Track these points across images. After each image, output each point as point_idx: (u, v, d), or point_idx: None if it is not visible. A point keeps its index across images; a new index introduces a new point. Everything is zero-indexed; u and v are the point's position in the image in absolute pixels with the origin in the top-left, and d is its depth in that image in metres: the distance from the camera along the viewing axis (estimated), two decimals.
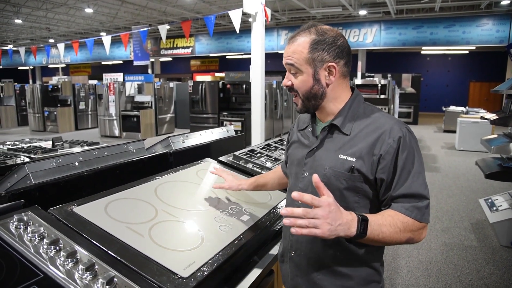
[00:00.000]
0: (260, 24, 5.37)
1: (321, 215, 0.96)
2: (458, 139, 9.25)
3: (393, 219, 1.07)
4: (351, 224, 1.00)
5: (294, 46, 1.16)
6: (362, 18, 14.03)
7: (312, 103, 1.20)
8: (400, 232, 1.07)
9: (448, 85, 18.82)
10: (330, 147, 1.18)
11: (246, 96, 9.44)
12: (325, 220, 0.96)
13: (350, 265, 1.18)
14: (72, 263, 0.97)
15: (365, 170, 1.11)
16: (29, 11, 13.63)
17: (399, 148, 1.10)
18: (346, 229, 1.00)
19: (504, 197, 4.23)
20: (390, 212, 1.09)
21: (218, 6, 13.37)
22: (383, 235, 1.05)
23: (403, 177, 1.09)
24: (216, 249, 1.21)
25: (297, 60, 1.16)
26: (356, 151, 1.12)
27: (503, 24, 12.14)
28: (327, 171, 1.16)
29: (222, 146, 2.57)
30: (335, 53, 1.14)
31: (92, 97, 13.77)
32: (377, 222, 1.05)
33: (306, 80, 1.16)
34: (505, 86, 3.93)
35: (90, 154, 1.72)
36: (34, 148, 3.27)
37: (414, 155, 1.11)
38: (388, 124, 1.13)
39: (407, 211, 1.08)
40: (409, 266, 3.44)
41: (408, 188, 1.09)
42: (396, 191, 1.10)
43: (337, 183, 1.14)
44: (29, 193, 1.33)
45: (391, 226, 1.06)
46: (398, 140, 1.10)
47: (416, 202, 1.09)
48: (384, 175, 1.10)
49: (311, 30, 1.16)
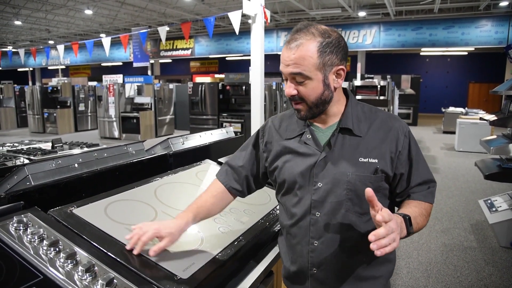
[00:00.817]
0: (259, 25, 5.38)
1: (395, 228, 0.94)
2: (457, 140, 9.26)
3: (420, 209, 1.14)
4: (402, 226, 1.03)
5: (300, 52, 1.05)
6: (362, 20, 14.05)
7: (320, 109, 1.13)
8: (426, 218, 1.15)
9: (447, 86, 18.84)
10: (345, 152, 1.13)
11: (246, 98, 9.44)
12: (397, 231, 0.95)
13: (374, 266, 1.19)
14: (71, 265, 0.97)
15: (387, 169, 1.14)
16: (29, 13, 13.64)
17: (410, 142, 1.17)
18: (401, 231, 1.02)
19: (503, 198, 4.24)
20: (415, 203, 1.16)
21: (218, 8, 13.39)
22: (419, 225, 1.11)
23: (418, 167, 1.17)
24: (216, 250, 1.22)
25: (306, 68, 1.06)
26: (376, 152, 1.13)
27: (502, 26, 12.16)
28: (350, 177, 1.11)
29: (221, 148, 2.58)
30: (341, 54, 1.09)
31: (91, 98, 13.78)
32: (413, 215, 1.09)
33: (316, 86, 1.08)
34: (504, 87, 3.93)
35: (90, 156, 1.72)
36: (33, 149, 3.27)
37: (417, 145, 1.20)
38: (391, 120, 1.19)
39: (426, 198, 1.17)
40: (409, 267, 3.44)
41: (422, 176, 1.18)
42: (415, 181, 1.17)
43: (364, 187, 1.05)
44: (28, 194, 1.33)
45: (421, 215, 1.13)
46: (408, 134, 1.18)
47: (429, 188, 1.19)
48: (404, 169, 1.16)
49: (312, 31, 1.07)
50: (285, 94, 1.19)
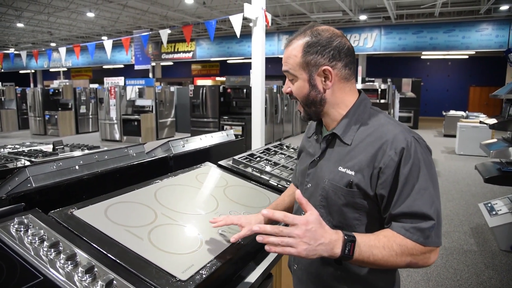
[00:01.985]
0: (260, 29, 5.40)
1: (296, 234, 0.89)
2: (458, 143, 9.26)
3: (389, 240, 0.96)
4: (335, 244, 0.92)
5: (289, 50, 1.09)
6: (363, 23, 14.09)
7: (312, 109, 1.12)
8: (397, 256, 0.96)
9: (448, 90, 18.86)
10: (331, 158, 1.10)
11: (247, 101, 9.46)
12: (301, 239, 0.89)
13: (351, 286, 1.10)
14: (71, 266, 0.98)
15: (364, 185, 1.01)
16: (31, 15, 13.71)
17: (401, 161, 0.98)
18: (329, 249, 0.92)
19: (503, 201, 4.23)
20: (387, 233, 0.98)
21: (219, 11, 13.45)
22: (375, 257, 0.95)
23: (404, 193, 0.97)
24: (215, 252, 1.22)
25: (291, 66, 1.08)
26: (356, 164, 1.03)
27: (503, 29, 12.19)
28: (326, 184, 1.08)
29: (222, 150, 2.58)
30: (330, 55, 1.05)
31: (93, 101, 13.82)
32: (368, 244, 0.95)
33: (302, 86, 1.09)
34: (504, 91, 3.94)
35: (91, 158, 1.73)
36: (34, 151, 3.28)
37: (419, 168, 0.98)
38: (391, 132, 1.02)
39: (407, 232, 0.96)
40: (409, 271, 3.44)
41: (409, 207, 0.96)
42: (396, 209, 0.98)
43: (336, 198, 1.06)
44: (29, 196, 1.34)
45: (385, 248, 0.95)
46: (401, 152, 0.98)
47: (419, 223, 0.96)
48: (384, 190, 0.99)
49: (307, 32, 1.07)
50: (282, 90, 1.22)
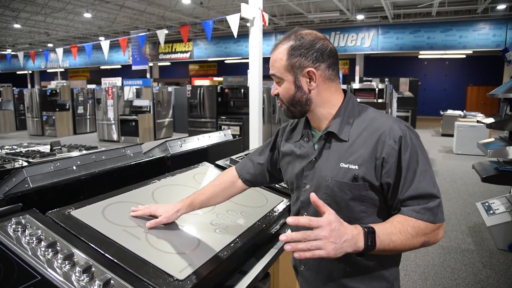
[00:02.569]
0: (257, 29, 5.41)
1: (323, 236, 0.91)
2: (455, 142, 9.29)
3: (403, 225, 1.01)
4: (357, 239, 0.96)
5: (275, 54, 1.14)
6: (360, 23, 14.11)
7: (297, 109, 1.16)
8: (413, 238, 1.01)
9: (445, 89, 18.90)
10: (330, 157, 1.13)
11: (244, 101, 9.46)
12: (328, 239, 0.91)
13: (361, 280, 1.14)
14: (69, 266, 0.98)
15: (369, 177, 1.06)
16: (28, 16, 13.67)
17: (401, 148, 1.04)
18: (353, 244, 0.95)
19: (501, 200, 4.25)
20: (399, 218, 1.03)
21: (217, 11, 13.44)
22: (394, 244, 1.00)
23: (409, 178, 1.03)
24: (212, 252, 1.23)
25: (277, 69, 1.14)
26: (358, 158, 1.07)
27: (500, 29, 12.23)
28: (329, 182, 1.11)
29: (219, 150, 2.59)
30: (313, 57, 1.10)
31: (90, 101, 13.79)
32: (386, 232, 0.99)
33: (288, 87, 1.14)
34: (501, 90, 3.95)
35: (88, 158, 1.73)
36: (32, 152, 3.28)
37: (417, 153, 1.06)
38: (386, 124, 1.08)
39: (418, 214, 1.02)
40: (407, 270, 3.45)
41: (416, 189, 1.03)
42: (404, 194, 1.04)
43: (342, 194, 1.09)
44: (27, 196, 1.34)
45: (401, 233, 1.00)
46: (399, 140, 1.05)
47: (427, 203, 1.03)
48: (389, 179, 1.05)
49: (291, 36, 1.13)
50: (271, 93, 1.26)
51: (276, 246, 1.53)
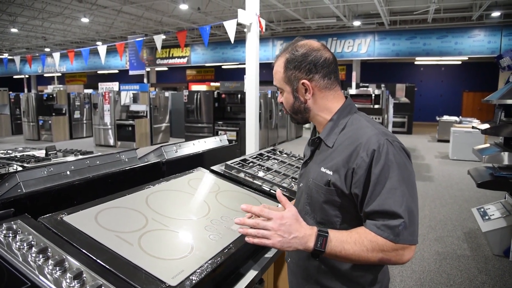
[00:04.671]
0: (254, 34, 5.42)
1: (271, 227, 1.00)
2: (451, 148, 9.32)
3: (360, 237, 1.03)
4: (308, 239, 1.02)
5: (276, 67, 1.22)
6: (356, 29, 14.20)
7: (299, 116, 1.24)
8: (368, 251, 1.02)
9: (441, 95, 19.02)
10: (317, 160, 1.21)
11: (241, 106, 9.47)
12: (276, 232, 1.00)
13: (334, 280, 1.17)
14: (60, 272, 0.97)
15: (339, 184, 1.09)
16: (25, 20, 13.68)
17: (372, 162, 1.04)
18: (304, 243, 1.02)
19: (496, 206, 4.26)
20: (360, 230, 1.05)
21: (214, 17, 13.50)
22: (346, 252, 1.02)
23: (376, 192, 1.02)
24: (205, 258, 1.22)
25: (278, 81, 1.23)
26: (334, 164, 1.11)
27: (494, 35, 12.34)
28: (310, 183, 1.19)
29: (215, 156, 2.58)
30: (306, 69, 1.15)
31: (87, 106, 13.77)
32: (340, 239, 1.03)
33: (288, 97, 1.22)
34: (496, 96, 3.97)
35: (82, 163, 1.72)
36: (27, 157, 3.25)
37: (390, 169, 1.02)
38: (366, 135, 1.08)
39: (378, 230, 1.02)
40: (402, 275, 3.44)
41: (380, 205, 1.02)
42: (368, 207, 1.04)
43: (317, 195, 1.16)
44: (19, 201, 1.33)
45: (356, 244, 1.02)
46: (372, 153, 1.04)
47: (388, 221, 1.01)
48: (357, 190, 1.06)
49: (288, 49, 1.19)
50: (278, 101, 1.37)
51: (270, 252, 1.52)
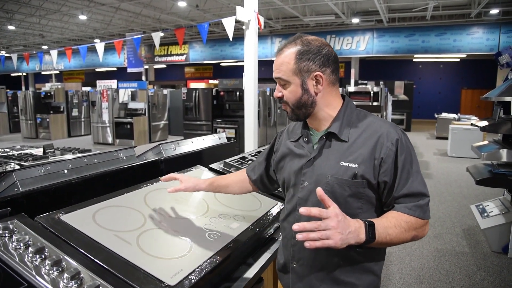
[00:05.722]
0: (253, 31, 5.40)
1: (332, 226, 0.98)
2: (450, 145, 9.33)
3: (397, 220, 1.11)
4: (359, 231, 1.04)
5: (281, 58, 1.19)
6: (355, 26, 14.17)
7: (302, 111, 1.22)
8: (405, 232, 1.11)
9: (440, 92, 19.02)
10: (330, 156, 1.19)
11: (240, 103, 9.45)
12: (336, 230, 0.98)
13: (354, 273, 1.19)
14: (57, 272, 0.96)
15: (368, 175, 1.13)
16: (23, 18, 13.60)
17: (398, 150, 1.13)
18: (356, 236, 1.03)
19: (495, 203, 4.26)
20: (394, 214, 1.13)
21: (212, 14, 13.44)
22: (390, 237, 1.09)
23: (403, 177, 1.13)
24: (204, 257, 1.21)
25: (284, 72, 1.18)
26: (358, 157, 1.14)
27: (493, 33, 12.33)
28: (329, 179, 1.16)
29: (214, 153, 2.57)
30: (320, 62, 1.16)
31: (85, 104, 13.72)
32: (383, 225, 1.08)
33: (295, 90, 1.19)
34: (494, 93, 3.97)
35: (80, 162, 1.70)
36: (24, 155, 3.24)
37: (411, 155, 1.15)
38: (384, 127, 1.17)
39: (410, 210, 1.12)
40: (401, 273, 3.44)
41: (409, 188, 1.13)
42: (398, 192, 1.13)
43: (341, 190, 1.15)
44: (16, 201, 1.32)
45: (396, 227, 1.10)
46: (396, 142, 1.13)
47: (418, 201, 1.13)
48: (387, 177, 1.13)
49: (297, 41, 1.18)
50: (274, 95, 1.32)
51: (269, 251, 1.51)
